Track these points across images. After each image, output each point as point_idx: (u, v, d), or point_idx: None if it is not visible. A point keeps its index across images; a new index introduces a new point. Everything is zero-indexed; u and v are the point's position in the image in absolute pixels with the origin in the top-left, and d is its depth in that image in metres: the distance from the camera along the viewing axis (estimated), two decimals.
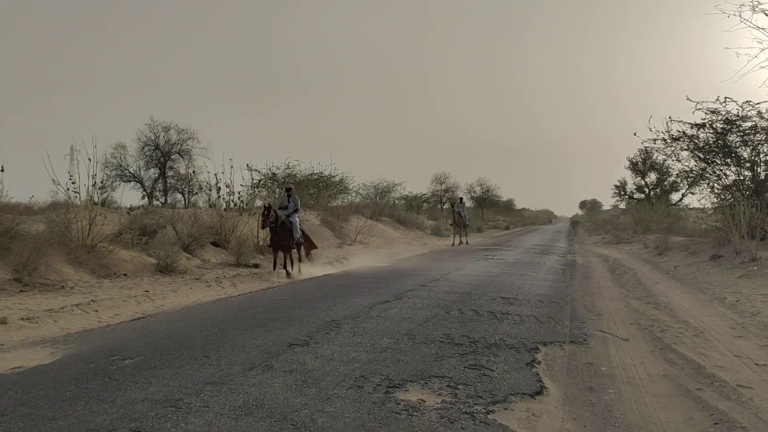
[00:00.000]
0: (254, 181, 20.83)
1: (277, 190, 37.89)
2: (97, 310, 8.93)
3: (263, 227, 14.21)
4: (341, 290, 11.28)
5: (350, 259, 19.37)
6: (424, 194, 66.09)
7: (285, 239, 14.37)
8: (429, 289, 11.59)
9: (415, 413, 4.51)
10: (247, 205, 19.44)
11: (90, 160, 13.34)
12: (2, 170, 12.99)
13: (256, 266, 15.97)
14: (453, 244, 29.19)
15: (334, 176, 39.80)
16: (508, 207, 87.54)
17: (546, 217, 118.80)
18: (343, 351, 6.34)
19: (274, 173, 37.94)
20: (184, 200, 36.49)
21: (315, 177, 39.00)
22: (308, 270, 15.68)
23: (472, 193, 74.08)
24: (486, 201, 75.52)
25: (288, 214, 14.70)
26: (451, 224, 31.73)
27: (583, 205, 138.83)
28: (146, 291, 10.86)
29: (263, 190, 36.30)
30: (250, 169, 31.27)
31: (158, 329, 7.49)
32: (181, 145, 36.13)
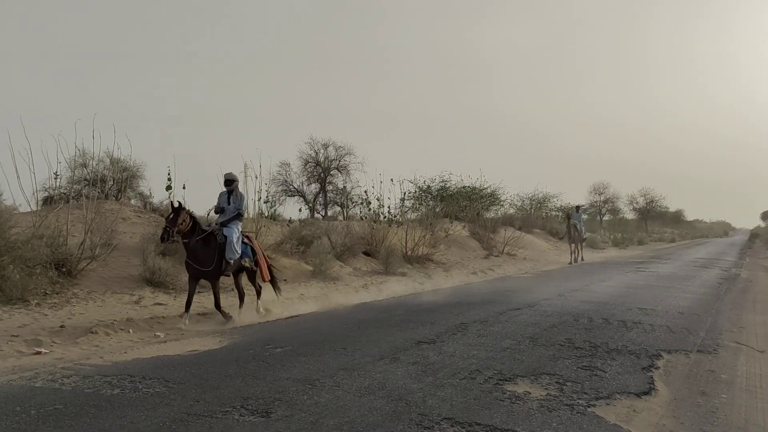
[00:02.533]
0: (403, 194, 21.82)
1: (431, 203, 39.09)
2: (259, 309, 10.21)
3: (162, 240, 8.97)
4: (477, 298, 11.83)
5: (495, 270, 19.78)
6: (582, 205, 64.24)
7: (206, 262, 9.05)
8: (565, 298, 11.79)
9: (517, 401, 5.02)
10: (396, 217, 20.50)
11: (256, 177, 14.97)
12: (184, 188, 14.93)
13: (403, 274, 16.90)
14: (570, 263, 24.24)
15: (485, 188, 40.16)
16: (676, 218, 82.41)
17: (721, 229, 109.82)
18: (465, 349, 6.94)
19: (428, 186, 39.09)
20: (343, 213, 38.67)
21: (467, 189, 39.56)
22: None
23: (634, 204, 70.74)
24: (650, 212, 71.75)
25: (222, 222, 9.40)
26: (561, 238, 26.63)
27: (765, 215, 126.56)
28: (301, 294, 12.12)
29: (416, 202, 37.58)
30: (397, 182, 32.45)
31: (307, 326, 8.55)
32: (339, 161, 38.31)
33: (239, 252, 9.45)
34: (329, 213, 38.26)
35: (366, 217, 20.24)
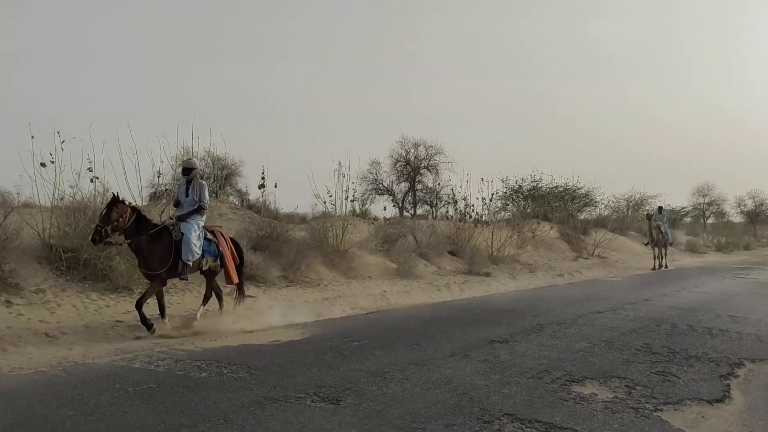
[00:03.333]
0: (490, 194, 21.69)
1: (523, 203, 38.64)
2: (341, 304, 10.63)
3: (93, 241, 7.57)
4: (558, 300, 11.76)
5: (582, 273, 19.42)
6: (684, 207, 61.30)
7: (156, 264, 7.92)
8: (651, 303, 11.51)
9: (581, 402, 5.09)
10: (482, 217, 20.49)
11: (344, 176, 15.44)
12: (276, 186, 15.58)
13: (487, 274, 16.92)
14: (654, 268, 22.21)
15: (579, 188, 39.23)
16: None
17: None
18: (537, 349, 7.02)
19: (519, 186, 38.66)
20: (432, 212, 38.89)
21: (560, 189, 38.79)
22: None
23: (742, 207, 66.80)
24: (759, 216, 67.57)
25: (180, 217, 8.31)
26: (646, 243, 23.91)
27: None
28: (384, 291, 12.44)
29: (505, 202, 37.23)
30: (486, 181, 32.30)
31: (386, 322, 8.86)
32: (429, 160, 38.58)
33: (199, 252, 8.24)
34: (418, 212, 38.58)
35: (452, 217, 20.35)
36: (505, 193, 37.51)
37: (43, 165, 10.65)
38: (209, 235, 8.66)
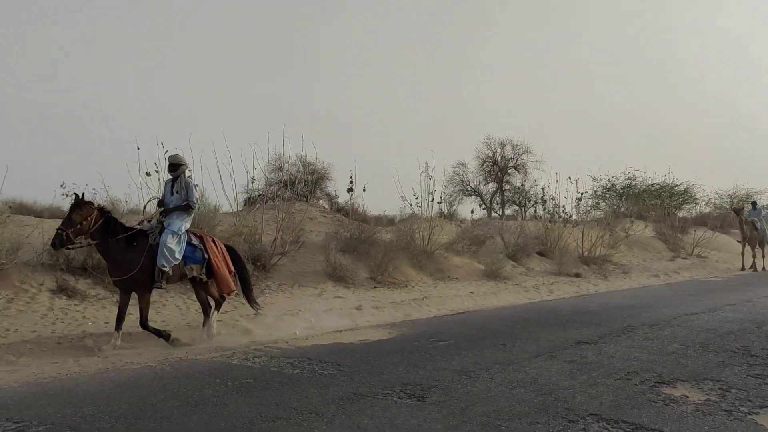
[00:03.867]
0: (580, 193, 21.15)
1: (616, 202, 37.44)
2: (428, 305, 10.77)
3: (53, 246, 7.04)
4: (651, 301, 11.43)
5: (680, 273, 18.70)
6: (761, 201, 57.37)
7: (126, 269, 7.26)
8: (753, 304, 10.99)
9: (671, 404, 5.00)
10: (571, 216, 20.11)
11: (430, 178, 15.60)
12: (364, 190, 15.93)
13: (578, 275, 16.61)
14: (743, 268, 20.55)
15: (676, 185, 37.64)
16: None
17: None
18: (627, 351, 6.91)
19: (612, 184, 37.55)
20: (521, 212, 38.35)
21: (656, 187, 37.37)
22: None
23: None
24: None
25: (165, 211, 7.77)
26: (739, 241, 21.33)
27: None
28: (471, 292, 12.49)
29: (598, 200, 36.27)
30: (575, 180, 31.58)
31: (472, 322, 8.93)
32: (517, 160, 38.09)
33: (177, 257, 7.46)
34: (507, 212, 38.16)
35: (540, 217, 20.09)
36: (597, 191, 36.61)
37: (147, 174, 11.42)
38: (195, 240, 7.82)
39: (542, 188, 20.19)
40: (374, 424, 4.36)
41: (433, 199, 15.61)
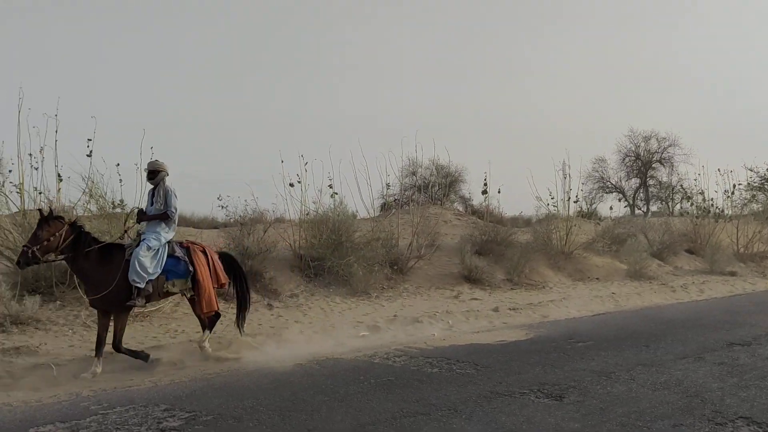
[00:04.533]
0: (732, 186, 19.62)
1: None
2: (567, 306, 10.60)
3: (18, 265, 6.68)
4: None
5: None
6: None
7: (99, 286, 6.56)
8: None
9: None
10: (723, 211, 18.84)
11: (566, 177, 15.28)
12: (499, 192, 15.92)
13: (732, 274, 15.55)
14: None
15: None
16: None
17: None
18: None
19: None
20: (668, 208, 36.25)
21: None
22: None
23: None
24: None
25: (140, 231, 7.03)
26: None
27: None
28: (612, 293, 12.11)
29: (754, 193, 33.50)
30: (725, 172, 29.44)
31: (613, 323, 8.72)
32: (662, 153, 36.11)
33: (153, 272, 6.69)
34: (652, 209, 36.27)
35: (687, 213, 19.00)
36: (752, 183, 33.79)
37: (291, 185, 12.17)
38: (179, 252, 7.02)
39: (690, 182, 19.06)
40: (511, 421, 4.47)
41: (569, 198, 15.28)
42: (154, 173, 7.12)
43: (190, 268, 6.97)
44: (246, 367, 6.53)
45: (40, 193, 9.47)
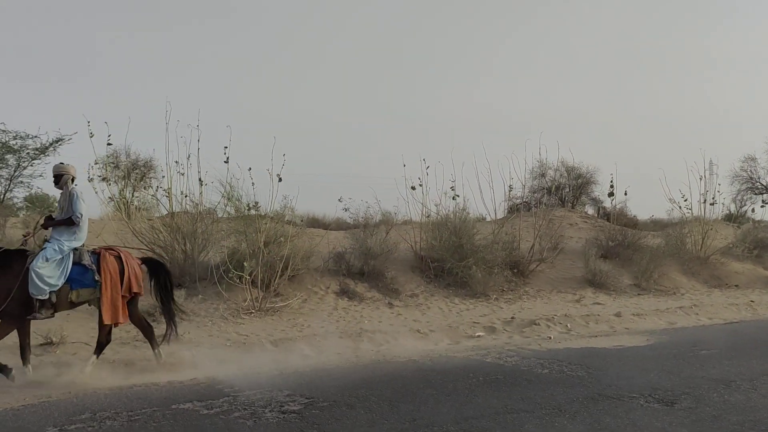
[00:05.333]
0: None
1: None
2: (697, 313, 10.13)
3: None
4: None
5: None
6: None
7: None
8: None
9: None
10: None
11: (701, 178, 14.49)
12: (626, 194, 15.39)
13: None
14: None
15: None
16: None
17: None
18: None
19: None
20: None
21: None
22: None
23: None
24: None
25: (47, 238, 6.53)
26: None
27: None
28: (751, 301, 11.39)
29: None
30: None
31: (744, 332, 8.29)
32: None
33: (54, 283, 6.20)
34: None
35: None
36: None
37: (413, 188, 12.53)
38: (87, 260, 6.47)
39: None
40: (616, 423, 4.48)
41: (705, 200, 14.48)
42: (59, 177, 6.63)
43: (97, 277, 6.42)
44: (363, 360, 6.91)
45: (186, 196, 10.45)
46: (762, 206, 27.66)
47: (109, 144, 10.57)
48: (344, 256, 11.20)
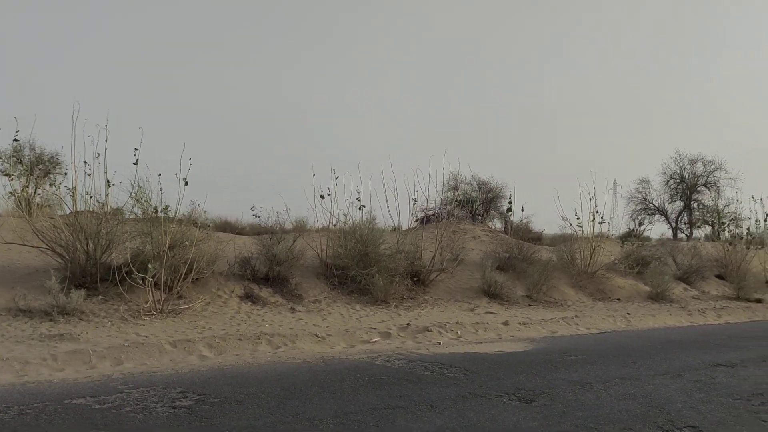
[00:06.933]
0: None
1: None
2: (577, 324, 10.97)
3: None
4: None
5: None
6: None
7: None
8: None
9: None
10: (753, 237, 18.75)
11: (591, 199, 15.60)
12: (522, 210, 16.32)
13: (758, 301, 15.57)
14: None
15: None
16: None
17: None
18: (763, 375, 6.83)
19: None
20: (714, 232, 35.67)
21: None
22: None
23: None
24: None
25: None
26: None
27: None
28: (627, 313, 12.39)
29: None
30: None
31: (613, 341, 9.11)
32: (708, 177, 35.65)
33: None
34: (698, 233, 35.74)
35: (719, 238, 19.02)
36: None
37: (322, 197, 12.91)
38: None
39: (733, 207, 19.13)
40: (477, 417, 5.01)
41: (594, 218, 15.60)
42: None
43: None
44: (258, 362, 7.23)
45: (90, 196, 10.43)
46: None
47: (15, 140, 10.43)
48: (250, 261, 11.44)
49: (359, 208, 13.18)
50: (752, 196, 18.39)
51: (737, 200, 18.75)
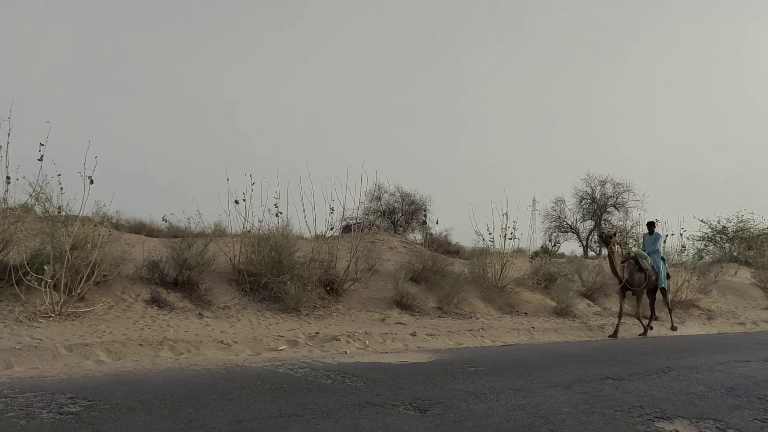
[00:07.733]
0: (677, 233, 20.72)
1: (727, 245, 35.85)
2: (483, 336, 11.30)
3: None
4: (709, 347, 11.35)
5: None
6: (657, 222, 52.39)
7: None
8: None
9: None
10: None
11: (503, 215, 16.09)
12: (437, 223, 16.62)
13: (656, 319, 16.41)
14: (615, 334, 13.04)
15: None
16: None
17: None
18: (646, 388, 7.22)
19: (723, 227, 36.14)
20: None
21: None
22: None
23: None
24: None
25: None
26: (618, 291, 13.80)
27: None
28: (532, 327, 12.86)
29: (706, 243, 35.03)
30: (656, 222, 30.69)
31: (513, 354, 9.42)
32: (617, 198, 37.42)
33: None
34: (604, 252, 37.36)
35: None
36: (705, 234, 35.34)
37: (236, 202, 12.78)
38: None
39: (630, 226, 20.07)
40: (371, 426, 5.10)
41: (505, 234, 16.09)
42: None
43: None
44: (158, 368, 7.09)
45: None
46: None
47: None
48: (159, 265, 11.18)
49: (276, 215, 13.14)
50: (656, 220, 19.37)
51: (638, 222, 19.57)
